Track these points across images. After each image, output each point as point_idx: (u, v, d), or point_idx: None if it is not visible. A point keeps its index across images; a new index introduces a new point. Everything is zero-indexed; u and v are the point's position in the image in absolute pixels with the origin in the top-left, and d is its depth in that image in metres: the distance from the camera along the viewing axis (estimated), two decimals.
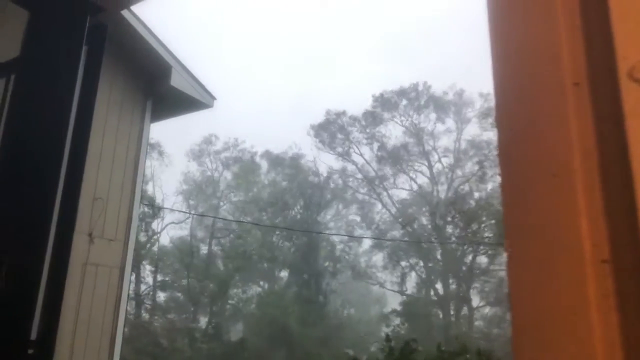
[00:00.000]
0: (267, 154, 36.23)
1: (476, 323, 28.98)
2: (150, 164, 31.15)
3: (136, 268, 28.69)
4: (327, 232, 33.19)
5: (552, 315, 0.64)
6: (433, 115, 33.64)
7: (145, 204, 28.99)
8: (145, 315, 29.71)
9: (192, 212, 33.92)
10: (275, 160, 36.05)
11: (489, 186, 30.60)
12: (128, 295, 6.81)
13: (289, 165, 35.63)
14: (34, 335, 1.67)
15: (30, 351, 1.64)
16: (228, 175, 36.06)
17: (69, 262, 2.08)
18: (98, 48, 1.94)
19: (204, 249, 33.41)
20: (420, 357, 9.70)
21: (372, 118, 34.09)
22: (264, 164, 36.50)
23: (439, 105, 33.55)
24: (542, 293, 0.65)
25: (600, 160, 0.64)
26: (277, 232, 32.13)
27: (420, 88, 33.78)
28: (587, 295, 0.61)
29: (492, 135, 31.20)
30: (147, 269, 31.73)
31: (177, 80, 6.89)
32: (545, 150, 0.68)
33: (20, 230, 1.69)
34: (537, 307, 0.65)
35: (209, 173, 36.18)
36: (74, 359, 5.54)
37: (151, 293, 31.43)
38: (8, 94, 1.91)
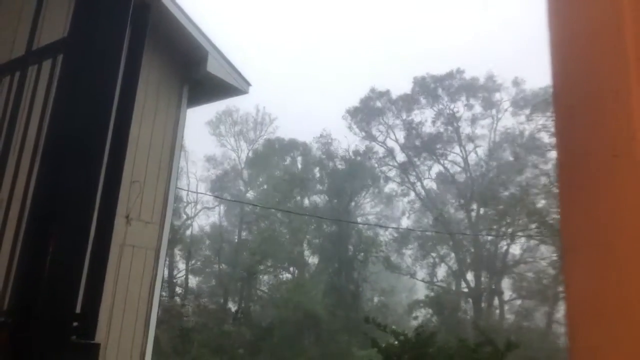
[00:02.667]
0: (298, 139, 36.23)
1: (507, 316, 28.60)
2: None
3: (169, 252, 29.26)
4: (357, 220, 33.12)
5: (612, 303, 0.62)
6: (468, 104, 33.05)
7: (180, 188, 29.45)
8: (177, 299, 30.32)
9: (223, 198, 34.30)
10: (306, 146, 36.03)
11: (524, 177, 29.98)
12: (163, 277, 6.95)
13: (320, 151, 35.57)
14: (78, 309, 1.72)
15: (75, 324, 1.69)
16: (257, 161, 36.21)
17: (111, 243, 2.13)
18: (141, 28, 1.97)
19: (234, 235, 33.80)
20: (438, 348, 9.62)
21: (408, 103, 33.62)
22: (295, 150, 36.51)
23: (475, 93, 32.94)
24: (601, 279, 0.63)
25: None
26: (307, 220, 32.22)
27: (456, 75, 33.20)
28: None
29: (527, 125, 30.57)
30: (179, 253, 32.33)
31: (213, 66, 6.94)
32: (606, 130, 0.66)
33: (65, 212, 1.74)
34: (595, 293, 0.63)
35: (235, 159, 36.41)
36: (111, 334, 5.70)
37: (183, 277, 32.05)
38: (56, 74, 1.95)
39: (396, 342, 9.23)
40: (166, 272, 28.76)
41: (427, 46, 43.58)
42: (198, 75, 7.02)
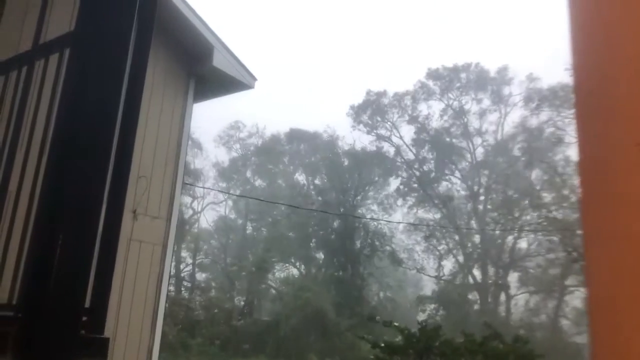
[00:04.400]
0: (304, 135, 36.15)
1: (514, 310, 28.56)
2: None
3: (176, 247, 29.38)
4: (363, 215, 33.10)
5: (633, 294, 0.60)
6: (477, 97, 32.90)
7: (187, 183, 29.52)
8: (185, 293, 30.46)
9: (230, 193, 34.37)
10: (313, 142, 35.97)
11: (532, 171, 29.87)
12: (170, 271, 6.97)
13: (325, 146, 35.51)
14: (87, 304, 1.72)
15: (84, 318, 1.69)
16: (261, 157, 36.21)
17: (119, 238, 2.13)
18: (148, 22, 1.96)
19: (241, 230, 33.89)
20: (444, 342, 9.55)
21: (415, 97, 33.51)
22: (300, 146, 36.48)
23: (484, 87, 32.75)
24: (622, 270, 0.62)
25: None
26: (313, 215, 32.24)
27: (467, 69, 33.03)
28: None
29: (536, 119, 30.41)
30: (186, 248, 32.47)
31: (219, 61, 6.93)
32: (629, 117, 0.64)
33: (74, 207, 1.73)
34: (616, 285, 0.62)
35: (239, 155, 36.39)
36: (119, 330, 5.73)
37: (190, 272, 32.19)
38: (63, 69, 1.94)
39: (398, 339, 9.17)
40: (173, 267, 28.90)
41: (437, 40, 43.39)
42: (204, 70, 7.01)
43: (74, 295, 1.58)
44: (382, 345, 8.66)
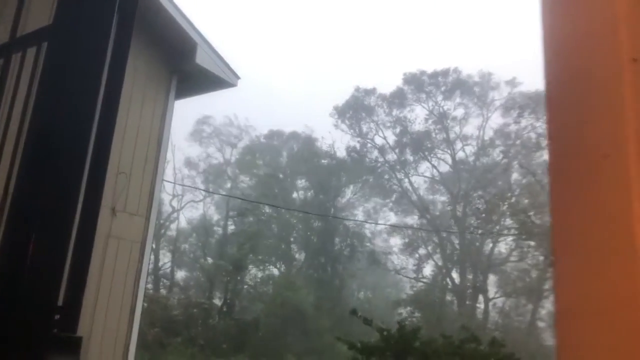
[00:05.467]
0: (285, 135, 36.12)
1: (492, 314, 28.86)
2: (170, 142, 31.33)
3: (156, 244, 29.12)
4: (343, 216, 33.18)
5: (600, 302, 0.61)
6: (458, 102, 33.21)
7: (166, 181, 29.27)
8: (163, 292, 30.20)
9: (209, 191, 34.18)
10: (294, 141, 35.96)
11: (511, 176, 30.24)
12: (148, 270, 6.92)
13: (306, 146, 35.52)
14: (60, 302, 1.70)
15: (57, 316, 1.67)
16: (243, 155, 36.06)
17: (95, 235, 2.10)
18: (129, 16, 1.93)
19: (220, 229, 33.72)
20: (423, 343, 9.58)
21: (398, 100, 33.67)
22: (282, 145, 36.44)
23: (465, 92, 33.07)
24: (590, 278, 0.63)
25: None
26: (294, 215, 32.22)
27: (447, 72, 33.31)
28: (638, 282, 0.59)
29: (515, 125, 30.78)
30: (165, 246, 32.20)
31: (202, 58, 6.90)
32: (597, 129, 0.65)
33: (48, 203, 1.71)
34: (583, 293, 0.63)
35: (219, 154, 36.22)
36: (95, 328, 5.66)
37: (169, 270, 31.94)
38: (39, 63, 1.91)
39: (373, 340, 9.17)
40: (152, 265, 28.65)
41: (420, 43, 43.67)
42: (187, 67, 6.97)
43: (47, 293, 1.56)
44: (359, 346, 8.65)
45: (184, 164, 34.35)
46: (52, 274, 1.59)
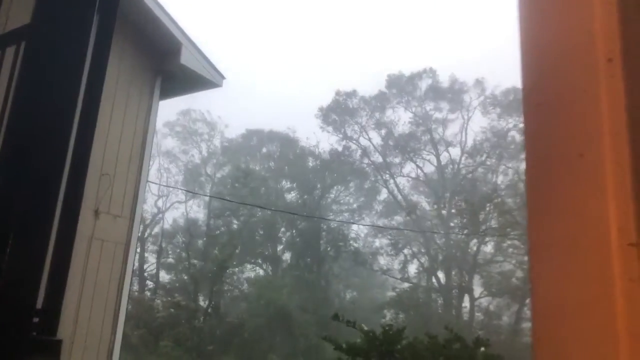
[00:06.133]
0: (268, 135, 36.05)
1: (477, 313, 29.06)
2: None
3: (140, 246, 28.89)
4: (329, 217, 33.21)
5: (575, 300, 0.62)
6: (441, 103, 33.41)
7: (150, 182, 29.04)
8: (147, 293, 29.97)
9: (195, 192, 33.99)
10: (278, 142, 35.91)
11: (495, 176, 30.50)
12: (132, 271, 6.86)
13: (291, 146, 35.50)
14: (39, 305, 1.67)
15: (35, 319, 1.64)
16: (227, 156, 35.93)
17: (75, 236, 2.08)
18: (110, 15, 1.91)
19: (206, 230, 33.54)
20: (408, 344, 9.58)
21: (382, 102, 33.84)
22: (268, 145, 36.37)
23: (448, 92, 33.29)
24: (565, 277, 0.63)
25: (632, 139, 0.62)
26: (280, 215, 32.16)
27: (429, 75, 33.52)
28: (612, 280, 0.59)
29: (498, 124, 31.05)
30: (150, 248, 31.97)
31: (187, 58, 6.85)
32: (573, 129, 0.66)
33: (27, 203, 1.68)
34: (559, 292, 0.63)
35: (196, 151, 36.05)
36: (78, 331, 5.59)
37: (154, 272, 31.70)
38: (18, 62, 1.89)
39: (359, 340, 9.16)
40: (137, 267, 28.41)
41: (400, 46, 43.85)
42: (171, 67, 6.92)
43: (24, 295, 1.54)
44: (344, 346, 8.64)
45: (163, 156, 34.13)
46: (30, 275, 1.57)
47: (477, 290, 29.34)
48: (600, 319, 0.59)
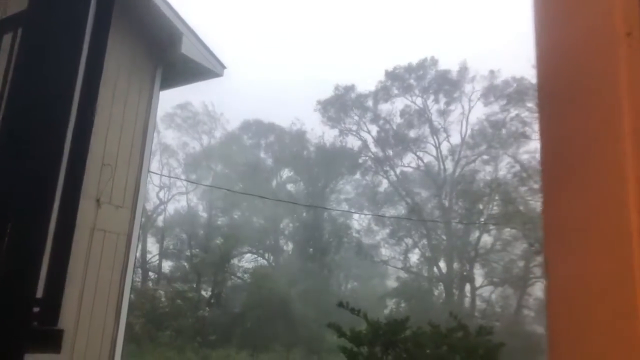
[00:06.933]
0: (272, 127, 35.99)
1: (478, 302, 29.14)
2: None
3: (142, 236, 28.95)
4: (331, 207, 33.23)
5: (594, 282, 0.59)
6: (441, 94, 33.26)
7: (152, 172, 29.04)
8: (150, 283, 30.08)
9: (197, 182, 34.00)
10: (280, 134, 35.87)
11: (496, 166, 30.44)
12: (135, 262, 6.85)
13: (293, 139, 35.46)
14: (40, 294, 1.66)
15: (36, 309, 1.63)
16: (229, 147, 35.86)
17: (76, 226, 2.06)
18: (108, 2, 1.88)
19: (208, 221, 33.59)
20: (412, 333, 9.60)
21: (382, 94, 33.78)
22: (268, 136, 36.30)
23: (447, 83, 33.12)
24: (584, 259, 0.61)
25: None
26: (283, 205, 32.17)
27: (428, 65, 33.35)
28: (632, 262, 0.57)
29: (499, 114, 30.93)
30: (152, 238, 32.02)
31: (187, 48, 6.80)
32: (591, 109, 0.63)
33: (25, 192, 1.65)
34: (577, 273, 0.61)
35: (206, 145, 35.99)
36: (81, 321, 5.60)
37: (156, 262, 31.80)
38: (15, 48, 1.85)
39: (364, 330, 9.17)
40: (139, 256, 28.48)
41: (402, 37, 43.57)
42: (172, 57, 6.87)
43: (24, 285, 1.52)
44: (348, 334, 8.65)
45: (162, 150, 34.05)
46: (30, 265, 1.54)
47: (479, 279, 29.42)
48: (620, 300, 0.57)
